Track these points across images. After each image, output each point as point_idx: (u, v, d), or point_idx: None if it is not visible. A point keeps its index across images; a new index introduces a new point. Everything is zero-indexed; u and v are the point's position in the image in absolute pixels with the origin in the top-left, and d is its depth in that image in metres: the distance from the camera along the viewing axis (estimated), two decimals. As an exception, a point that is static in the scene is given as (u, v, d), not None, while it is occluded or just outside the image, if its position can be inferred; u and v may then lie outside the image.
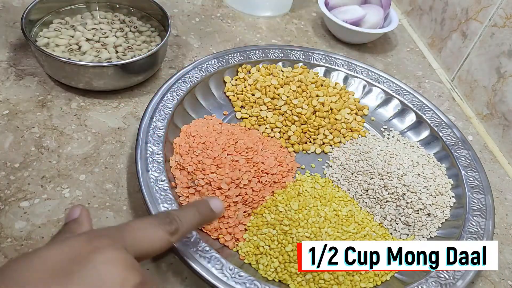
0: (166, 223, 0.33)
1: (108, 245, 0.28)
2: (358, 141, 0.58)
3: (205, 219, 0.38)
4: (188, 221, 0.35)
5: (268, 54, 0.65)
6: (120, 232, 0.30)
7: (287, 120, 0.58)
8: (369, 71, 0.66)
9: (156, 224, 0.32)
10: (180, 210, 0.36)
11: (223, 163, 0.48)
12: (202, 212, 0.37)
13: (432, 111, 0.61)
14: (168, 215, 0.34)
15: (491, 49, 0.65)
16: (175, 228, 0.33)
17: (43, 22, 0.61)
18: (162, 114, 0.52)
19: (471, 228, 0.48)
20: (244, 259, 0.44)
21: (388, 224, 0.50)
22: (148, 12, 0.65)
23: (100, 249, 0.27)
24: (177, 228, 0.33)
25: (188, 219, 0.35)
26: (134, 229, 0.31)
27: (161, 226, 0.32)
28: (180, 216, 0.34)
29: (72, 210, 0.33)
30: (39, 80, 0.58)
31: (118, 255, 0.28)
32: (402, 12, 0.88)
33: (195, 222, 0.36)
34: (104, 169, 0.50)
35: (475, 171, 0.54)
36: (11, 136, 0.51)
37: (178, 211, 0.36)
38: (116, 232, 0.30)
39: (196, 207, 0.37)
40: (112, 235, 0.29)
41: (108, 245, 0.28)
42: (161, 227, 0.32)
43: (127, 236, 0.30)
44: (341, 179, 0.54)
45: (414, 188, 0.50)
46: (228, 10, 0.79)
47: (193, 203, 0.38)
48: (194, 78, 0.58)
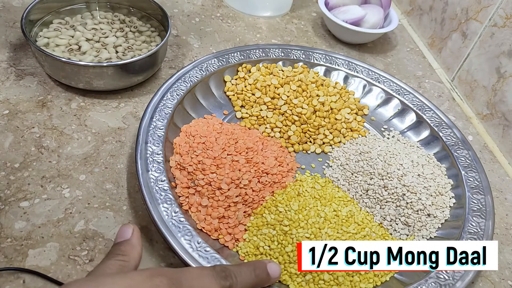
0: (222, 277, 0.34)
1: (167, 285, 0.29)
2: (358, 141, 0.58)
3: (259, 282, 0.38)
4: (243, 280, 0.35)
5: (268, 54, 0.65)
6: (178, 275, 0.31)
7: (287, 120, 0.58)
8: (370, 70, 0.66)
9: (213, 276, 0.33)
10: (238, 267, 0.37)
11: (223, 163, 0.48)
12: (258, 275, 0.37)
13: (432, 111, 0.61)
14: (225, 270, 0.34)
15: (491, 49, 0.65)
16: (230, 284, 0.34)
17: (43, 22, 0.61)
18: (162, 114, 0.52)
19: (471, 229, 0.48)
20: (244, 259, 0.44)
21: (388, 224, 0.50)
22: (148, 12, 0.65)
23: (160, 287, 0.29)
24: (231, 285, 0.34)
25: (243, 279, 0.35)
26: (192, 275, 0.32)
27: (217, 280, 0.33)
28: (236, 274, 0.35)
29: (124, 230, 0.33)
30: (39, 80, 0.58)
31: None
32: (402, 12, 0.88)
33: (249, 283, 0.36)
34: (104, 169, 0.50)
35: (475, 171, 0.54)
36: (11, 136, 0.51)
37: (235, 267, 0.36)
38: (176, 274, 0.31)
39: (254, 268, 0.37)
40: (172, 277, 0.30)
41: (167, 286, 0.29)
42: (217, 280, 0.33)
43: (185, 281, 0.31)
44: (341, 179, 0.54)
45: (414, 189, 0.50)
46: (228, 10, 0.79)
47: (252, 263, 0.38)
48: (194, 78, 0.58)
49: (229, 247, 0.45)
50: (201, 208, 0.46)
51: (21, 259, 0.42)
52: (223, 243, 0.45)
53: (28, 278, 0.40)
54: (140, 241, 0.34)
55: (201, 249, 0.41)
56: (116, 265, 0.31)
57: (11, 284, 0.40)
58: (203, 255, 0.41)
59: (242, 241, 0.45)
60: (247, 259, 0.44)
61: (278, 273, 0.39)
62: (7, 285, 0.40)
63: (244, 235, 0.46)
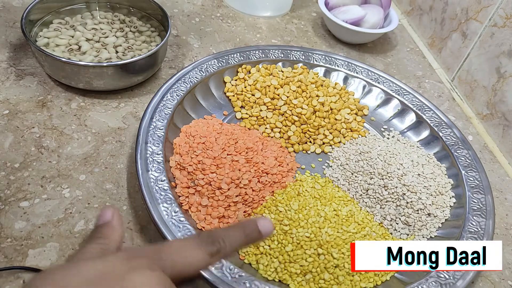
0: (208, 244, 0.31)
1: (145, 266, 0.28)
2: (358, 141, 0.58)
3: (250, 240, 0.35)
4: (232, 242, 0.33)
5: (268, 55, 0.65)
6: (158, 253, 0.30)
7: (287, 120, 0.58)
8: (369, 71, 0.66)
9: (197, 245, 0.31)
10: (225, 230, 0.34)
11: (223, 163, 0.48)
12: (248, 234, 0.34)
13: (432, 111, 0.61)
14: (211, 235, 0.32)
15: (491, 49, 0.65)
16: (217, 249, 0.31)
17: (43, 22, 0.61)
18: (162, 114, 0.52)
19: (471, 228, 0.48)
20: (244, 259, 0.44)
21: (388, 224, 0.50)
22: (148, 12, 0.65)
23: (138, 269, 0.27)
24: (219, 250, 0.32)
25: (232, 241, 0.33)
26: (173, 250, 0.30)
27: (203, 247, 0.31)
28: (224, 237, 0.32)
29: (104, 212, 0.32)
30: (39, 80, 0.58)
31: (154, 277, 0.27)
32: (402, 12, 0.88)
33: (239, 243, 0.34)
34: (104, 169, 0.50)
35: (475, 171, 0.54)
36: (11, 136, 0.51)
37: (223, 230, 0.33)
38: (155, 253, 0.30)
39: (243, 228, 0.34)
40: (151, 256, 0.29)
41: (145, 266, 0.28)
42: (202, 248, 0.31)
43: (166, 258, 0.29)
44: (341, 179, 0.54)
45: (414, 188, 0.50)
46: (228, 10, 0.79)
47: (241, 223, 0.35)
48: (194, 79, 0.58)
49: (229, 247, 0.45)
50: (201, 208, 0.46)
51: (21, 259, 0.42)
52: (223, 243, 0.45)
53: (28, 278, 0.40)
54: (121, 222, 0.32)
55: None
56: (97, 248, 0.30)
57: (11, 284, 0.40)
58: (203, 255, 0.41)
59: (242, 241, 0.45)
60: (247, 259, 0.44)
61: (270, 229, 0.35)
62: (7, 285, 0.40)
63: (244, 235, 0.46)
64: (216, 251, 0.31)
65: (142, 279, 0.27)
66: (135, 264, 0.28)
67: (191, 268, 0.30)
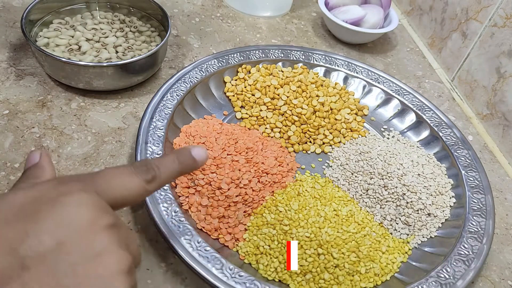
0: (143, 171, 0.31)
1: (78, 189, 0.26)
2: (358, 141, 0.58)
3: (185, 168, 0.35)
4: (166, 169, 0.33)
5: (268, 54, 0.65)
6: (91, 177, 0.29)
7: (287, 120, 0.58)
8: (369, 71, 0.66)
9: (132, 171, 0.30)
10: (158, 158, 0.34)
11: (223, 163, 0.48)
12: (182, 161, 0.34)
13: (432, 111, 0.61)
14: (145, 163, 0.32)
15: (491, 49, 0.65)
16: (152, 176, 0.31)
17: (43, 22, 0.61)
18: (162, 114, 0.52)
19: (471, 228, 0.48)
20: (244, 259, 0.44)
21: (388, 224, 0.50)
22: (148, 12, 0.65)
23: (70, 192, 0.26)
24: (154, 176, 0.31)
25: (166, 168, 0.33)
26: (107, 175, 0.29)
27: (138, 174, 0.30)
28: (158, 165, 0.32)
29: (32, 155, 0.31)
30: (39, 80, 0.58)
31: (88, 198, 0.26)
32: (402, 12, 0.88)
33: (174, 170, 0.34)
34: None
35: (475, 171, 0.54)
36: (11, 136, 0.51)
37: (156, 159, 0.33)
38: (87, 177, 0.28)
39: (176, 155, 0.34)
40: (83, 180, 0.28)
41: (78, 189, 0.26)
42: (137, 175, 0.30)
43: (100, 182, 0.28)
44: (341, 179, 0.54)
45: (414, 188, 0.50)
46: (228, 10, 0.79)
47: (174, 151, 0.36)
48: (194, 78, 0.58)
49: (229, 247, 0.45)
50: (201, 208, 0.46)
51: (21, 259, 0.42)
52: (223, 243, 0.45)
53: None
54: (50, 162, 0.31)
55: (201, 249, 0.41)
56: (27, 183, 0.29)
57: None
58: (203, 255, 0.41)
59: (242, 241, 0.45)
60: (247, 259, 0.44)
61: (204, 156, 0.35)
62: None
63: (244, 235, 0.46)
64: (151, 178, 0.31)
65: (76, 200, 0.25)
66: (68, 188, 0.26)
67: (129, 194, 0.29)
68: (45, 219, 0.24)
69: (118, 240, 0.26)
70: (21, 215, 0.24)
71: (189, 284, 0.43)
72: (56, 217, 0.24)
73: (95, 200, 0.26)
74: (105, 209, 0.26)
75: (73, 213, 0.25)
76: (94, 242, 0.24)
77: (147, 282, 0.42)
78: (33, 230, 0.23)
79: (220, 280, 0.39)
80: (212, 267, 0.40)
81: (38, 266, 0.23)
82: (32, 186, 0.27)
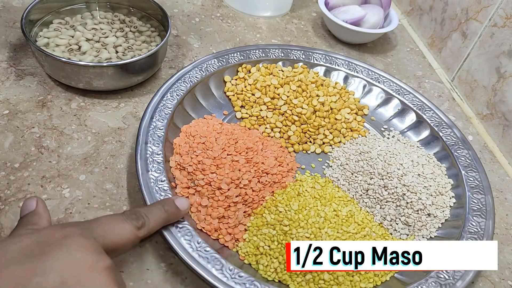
0: (133, 219, 0.35)
1: (78, 234, 0.30)
2: (358, 141, 0.58)
3: (170, 216, 0.40)
4: (154, 217, 0.37)
5: (268, 54, 0.65)
6: (88, 224, 0.32)
7: (287, 120, 0.57)
8: (369, 70, 0.66)
9: (124, 219, 0.34)
10: (146, 208, 0.39)
11: (223, 163, 0.48)
12: (167, 210, 0.39)
13: (432, 111, 0.61)
14: (135, 212, 0.36)
15: (491, 49, 0.65)
16: (141, 223, 0.35)
17: (43, 22, 0.61)
18: (162, 114, 0.52)
19: (471, 228, 0.48)
20: (244, 259, 0.44)
21: (388, 224, 0.50)
22: (148, 12, 0.65)
23: (71, 236, 0.29)
24: (143, 223, 0.35)
25: (154, 216, 0.37)
26: (102, 222, 0.33)
27: (128, 221, 0.34)
28: (146, 213, 0.37)
29: (28, 203, 0.34)
30: (39, 80, 0.58)
31: (88, 242, 0.29)
32: (402, 12, 0.88)
33: (160, 219, 0.38)
34: (104, 169, 0.50)
35: (475, 171, 0.54)
36: (11, 136, 0.51)
37: (144, 208, 0.38)
38: (85, 224, 0.32)
39: (162, 205, 0.40)
40: (81, 226, 0.31)
41: (78, 234, 0.30)
42: (128, 222, 0.34)
43: (96, 228, 0.32)
44: (341, 179, 0.54)
45: (414, 188, 0.50)
46: (228, 10, 0.79)
47: (160, 201, 0.41)
48: (194, 78, 0.58)
49: (229, 247, 0.45)
50: (201, 208, 0.46)
51: (21, 259, 0.42)
52: (223, 243, 0.45)
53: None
54: (46, 209, 0.34)
55: (201, 249, 0.41)
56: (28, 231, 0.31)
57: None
58: (203, 255, 0.41)
59: (242, 241, 0.45)
60: (247, 259, 0.44)
61: (186, 206, 0.41)
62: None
63: (244, 235, 0.46)
64: (141, 225, 0.35)
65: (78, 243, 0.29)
66: (69, 231, 0.30)
67: (121, 239, 0.33)
68: (50, 259, 0.27)
69: (115, 279, 0.29)
70: (29, 255, 0.27)
71: (189, 284, 0.43)
72: (61, 258, 0.28)
73: (94, 245, 0.30)
74: (102, 253, 0.30)
75: (75, 255, 0.28)
76: (95, 281, 0.28)
77: (147, 282, 0.42)
78: (40, 269, 0.26)
79: (220, 281, 0.39)
80: (212, 267, 0.40)
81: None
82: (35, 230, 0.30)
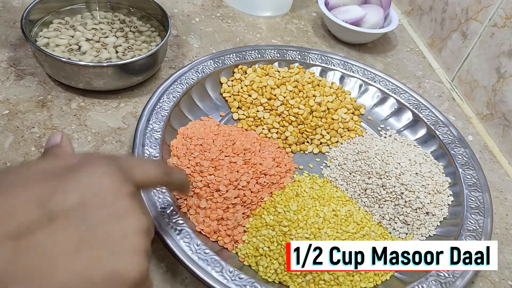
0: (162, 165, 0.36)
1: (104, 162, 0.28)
2: (356, 141, 0.58)
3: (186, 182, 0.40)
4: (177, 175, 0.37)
5: (264, 55, 0.65)
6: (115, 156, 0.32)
7: (284, 121, 0.58)
8: (365, 70, 0.66)
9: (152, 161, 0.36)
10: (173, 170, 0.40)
11: (221, 164, 0.48)
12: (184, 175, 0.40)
13: (429, 110, 0.61)
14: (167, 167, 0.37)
15: (491, 49, 0.65)
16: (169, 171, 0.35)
17: (43, 22, 0.61)
18: (158, 116, 0.52)
19: (470, 226, 0.48)
20: (244, 261, 0.44)
21: (387, 223, 0.50)
22: (148, 12, 0.65)
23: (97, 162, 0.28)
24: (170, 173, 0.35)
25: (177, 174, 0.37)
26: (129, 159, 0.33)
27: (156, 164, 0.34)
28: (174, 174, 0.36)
29: (52, 137, 0.32)
30: (39, 80, 0.58)
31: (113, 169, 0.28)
32: (402, 12, 0.88)
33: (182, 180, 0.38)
34: (103, 169, 0.50)
35: (472, 169, 0.54)
36: (11, 136, 0.52)
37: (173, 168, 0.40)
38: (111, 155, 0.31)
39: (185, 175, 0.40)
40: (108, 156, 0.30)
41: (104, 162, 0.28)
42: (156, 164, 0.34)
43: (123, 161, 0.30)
44: (339, 179, 0.54)
45: (412, 187, 0.50)
46: (228, 10, 0.79)
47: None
48: (190, 80, 0.58)
49: (229, 249, 0.45)
50: (200, 210, 0.46)
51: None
52: (222, 245, 0.45)
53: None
54: (70, 144, 0.32)
55: (200, 251, 0.41)
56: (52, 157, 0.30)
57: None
58: (202, 257, 0.41)
59: (242, 243, 0.45)
60: (247, 261, 0.44)
61: None
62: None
63: (243, 237, 0.46)
64: (168, 173, 0.34)
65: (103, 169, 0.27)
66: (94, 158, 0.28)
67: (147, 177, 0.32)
68: (73, 181, 0.26)
69: (139, 206, 0.28)
70: (51, 176, 0.26)
71: (189, 284, 0.43)
72: (84, 181, 0.26)
73: (119, 172, 0.28)
74: (128, 180, 0.28)
75: (99, 179, 0.27)
76: (118, 205, 0.27)
77: (146, 282, 0.42)
78: (61, 188, 0.26)
79: (221, 283, 0.39)
80: (212, 270, 0.40)
81: (63, 220, 0.25)
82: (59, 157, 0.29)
